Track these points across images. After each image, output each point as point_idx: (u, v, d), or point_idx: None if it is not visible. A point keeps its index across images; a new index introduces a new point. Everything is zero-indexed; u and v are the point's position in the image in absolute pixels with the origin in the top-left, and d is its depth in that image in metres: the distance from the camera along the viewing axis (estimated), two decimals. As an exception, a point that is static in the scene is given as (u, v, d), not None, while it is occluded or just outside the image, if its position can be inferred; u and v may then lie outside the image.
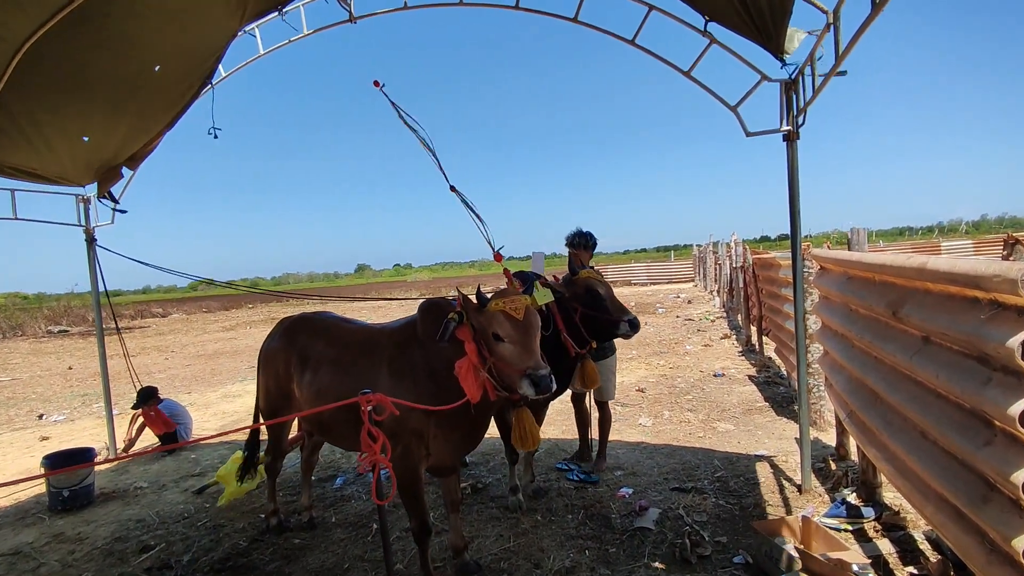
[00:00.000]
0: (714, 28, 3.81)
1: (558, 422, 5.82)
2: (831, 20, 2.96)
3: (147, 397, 5.92)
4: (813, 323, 4.55)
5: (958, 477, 1.97)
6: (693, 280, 25.06)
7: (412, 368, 2.84)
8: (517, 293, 2.69)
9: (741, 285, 10.08)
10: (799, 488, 3.80)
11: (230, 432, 2.95)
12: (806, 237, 3.99)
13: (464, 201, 2.98)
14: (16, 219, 5.28)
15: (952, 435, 1.98)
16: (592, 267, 3.89)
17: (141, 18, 3.56)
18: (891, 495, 3.44)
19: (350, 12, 4.66)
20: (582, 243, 4.17)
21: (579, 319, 3.50)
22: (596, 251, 4.30)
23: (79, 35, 3.45)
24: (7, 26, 3.19)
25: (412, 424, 2.71)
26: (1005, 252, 2.15)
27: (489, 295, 2.69)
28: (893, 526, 3.16)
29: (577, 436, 4.76)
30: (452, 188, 3.03)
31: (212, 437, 4.32)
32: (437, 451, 2.85)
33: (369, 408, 1.74)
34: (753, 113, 3.82)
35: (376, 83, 3.05)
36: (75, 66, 3.74)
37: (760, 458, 4.45)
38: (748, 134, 3.80)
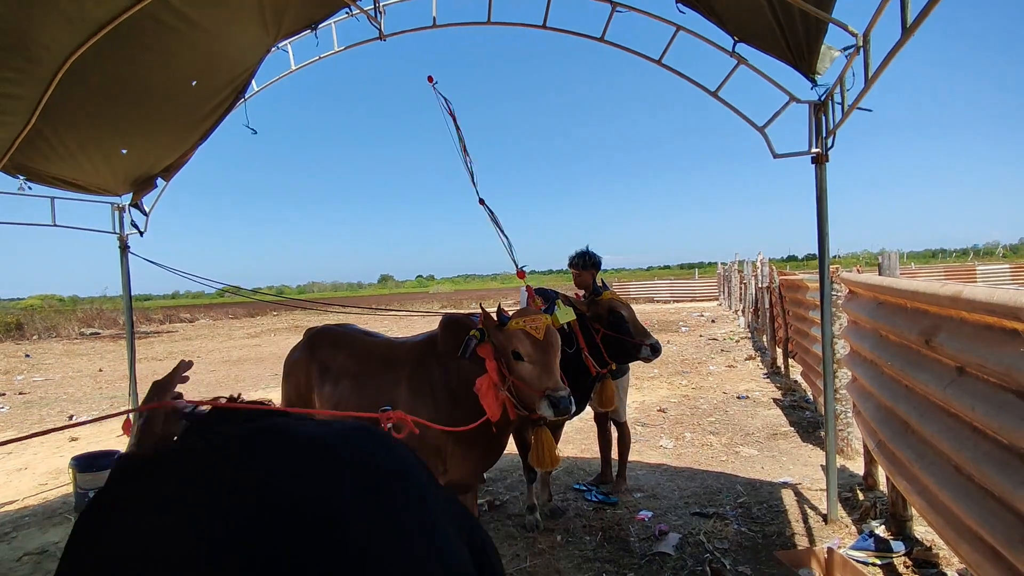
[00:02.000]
0: (742, 48, 3.79)
1: (576, 440, 5.76)
2: (860, 43, 2.91)
3: (173, 402, 6.03)
4: (841, 347, 4.45)
5: (995, 515, 1.89)
6: (717, 299, 24.73)
7: (431, 384, 2.84)
8: (538, 312, 2.68)
9: (767, 306, 9.92)
10: (824, 518, 3.69)
11: None
12: (834, 258, 3.91)
13: (491, 215, 3.00)
14: (55, 226, 5.46)
15: (989, 471, 1.90)
16: (608, 285, 3.86)
17: (181, 35, 3.68)
18: (922, 529, 3.31)
19: (380, 30, 4.75)
20: (590, 262, 4.06)
21: (600, 340, 3.47)
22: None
23: (121, 51, 3.58)
24: (55, 40, 3.33)
25: (430, 440, 2.70)
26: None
27: (510, 313, 2.68)
28: (925, 562, 3.04)
29: (595, 456, 4.70)
30: (481, 201, 3.06)
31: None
32: (455, 467, 2.84)
33: (389, 426, 1.74)
34: (781, 133, 3.77)
35: (430, 79, 3.10)
36: (116, 81, 3.87)
37: (784, 485, 4.34)
38: (776, 156, 3.75)
